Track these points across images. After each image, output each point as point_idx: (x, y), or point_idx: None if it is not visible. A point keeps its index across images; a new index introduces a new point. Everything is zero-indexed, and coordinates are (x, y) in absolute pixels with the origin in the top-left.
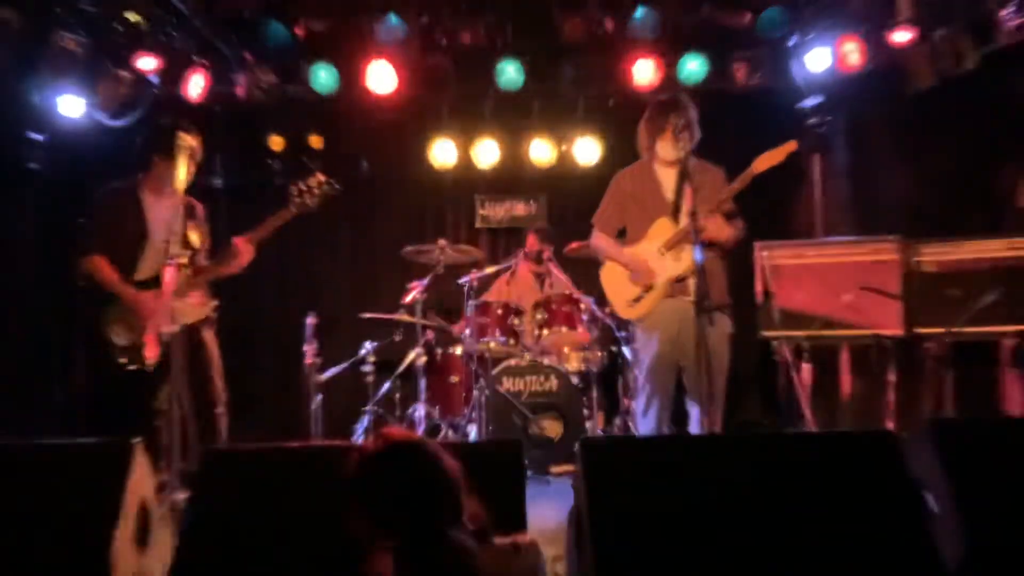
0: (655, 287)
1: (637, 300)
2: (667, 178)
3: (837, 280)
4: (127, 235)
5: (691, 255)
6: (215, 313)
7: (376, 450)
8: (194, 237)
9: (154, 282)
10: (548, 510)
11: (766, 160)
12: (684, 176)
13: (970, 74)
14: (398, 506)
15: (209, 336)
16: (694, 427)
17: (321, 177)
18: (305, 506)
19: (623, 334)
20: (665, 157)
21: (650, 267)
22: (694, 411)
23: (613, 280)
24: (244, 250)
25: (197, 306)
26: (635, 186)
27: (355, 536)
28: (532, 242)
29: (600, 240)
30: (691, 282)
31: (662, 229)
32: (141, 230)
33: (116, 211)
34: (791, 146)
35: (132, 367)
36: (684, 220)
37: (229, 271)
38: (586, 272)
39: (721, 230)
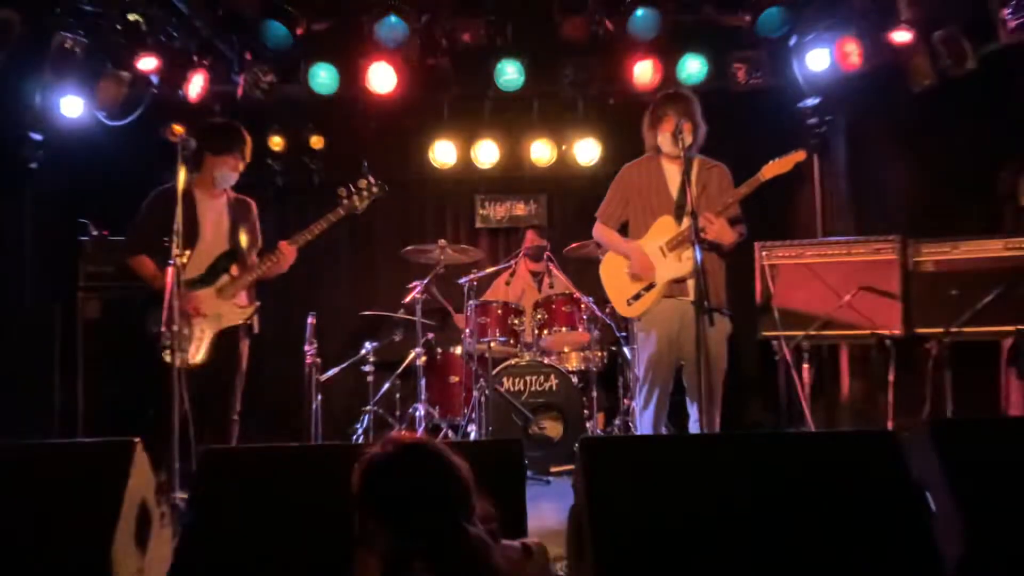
0: (655, 286)
1: (636, 298)
2: (672, 174)
3: (837, 280)
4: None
5: (692, 256)
6: (256, 317)
7: (383, 454)
8: (243, 237)
9: (203, 280)
10: (548, 510)
11: (774, 168)
12: (688, 173)
13: (970, 74)
14: (413, 507)
15: (244, 344)
16: (693, 427)
17: (371, 179)
18: (305, 506)
19: (623, 334)
20: (668, 152)
21: (651, 262)
22: (693, 410)
23: (612, 277)
24: (287, 253)
25: (240, 308)
26: (640, 181)
27: (365, 542)
28: (532, 238)
29: (602, 232)
30: (690, 283)
31: (664, 227)
32: (192, 229)
33: (167, 211)
34: (799, 155)
35: (176, 364)
36: (687, 220)
37: (272, 274)
38: (586, 272)
39: (724, 233)
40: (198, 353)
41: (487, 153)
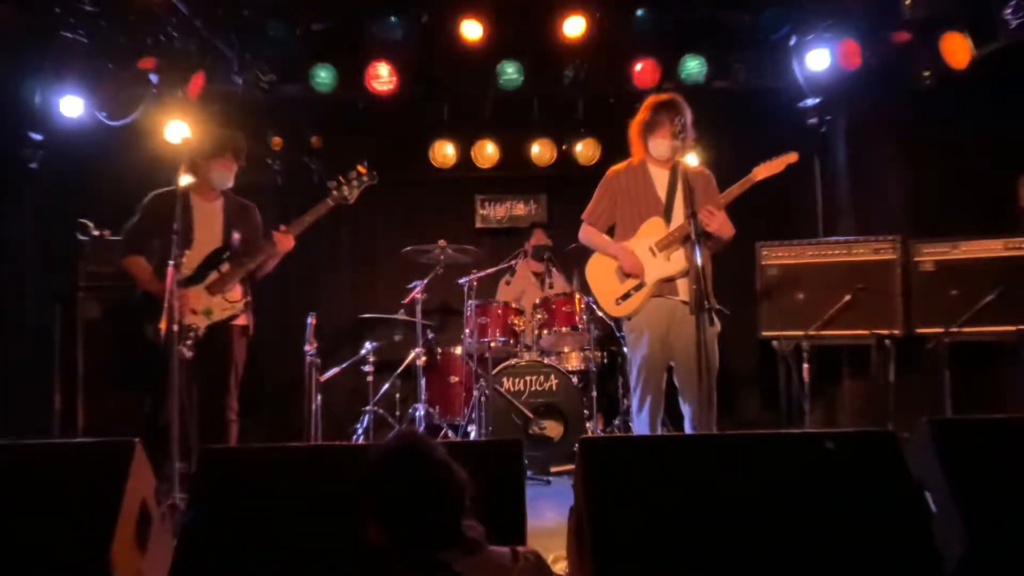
0: (644, 286)
1: (625, 297)
2: (660, 177)
3: (837, 280)
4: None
5: (682, 256)
6: (251, 319)
7: (394, 443)
8: (237, 236)
9: (193, 279)
10: (548, 510)
11: (766, 169)
12: (677, 176)
13: (970, 74)
14: (408, 498)
15: (239, 343)
16: (688, 427)
17: (363, 167)
18: (305, 506)
19: (623, 334)
20: (659, 156)
21: (639, 261)
22: (688, 411)
23: (599, 277)
24: (283, 240)
25: (231, 302)
26: (628, 183)
27: (371, 537)
28: (539, 236)
29: (589, 234)
30: (679, 282)
31: (653, 228)
32: (187, 234)
33: (162, 213)
34: (791, 157)
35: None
36: (676, 221)
37: (267, 265)
38: None
39: (726, 226)
40: (191, 348)
41: (487, 153)
